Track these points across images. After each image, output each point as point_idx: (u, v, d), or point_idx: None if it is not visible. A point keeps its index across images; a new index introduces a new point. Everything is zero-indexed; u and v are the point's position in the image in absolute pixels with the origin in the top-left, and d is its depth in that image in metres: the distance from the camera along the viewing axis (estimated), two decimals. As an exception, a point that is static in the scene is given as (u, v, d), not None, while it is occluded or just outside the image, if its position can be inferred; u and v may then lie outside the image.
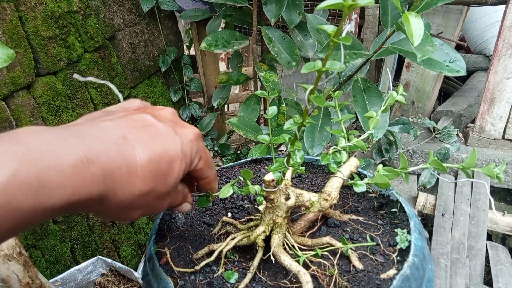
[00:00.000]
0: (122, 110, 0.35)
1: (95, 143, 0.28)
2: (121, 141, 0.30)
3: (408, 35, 0.48)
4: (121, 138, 0.30)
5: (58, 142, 0.27)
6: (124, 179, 0.30)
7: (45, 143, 0.26)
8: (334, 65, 0.33)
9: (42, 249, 1.07)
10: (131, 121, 0.33)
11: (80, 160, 0.27)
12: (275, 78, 1.17)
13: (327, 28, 0.31)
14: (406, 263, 0.43)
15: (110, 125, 0.31)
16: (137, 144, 0.31)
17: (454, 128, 1.97)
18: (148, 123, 0.33)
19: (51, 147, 0.26)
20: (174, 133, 0.34)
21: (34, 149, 0.25)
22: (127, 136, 0.31)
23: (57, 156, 0.26)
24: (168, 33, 1.63)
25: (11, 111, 0.96)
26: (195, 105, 1.77)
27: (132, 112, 0.34)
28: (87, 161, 0.27)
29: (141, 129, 0.32)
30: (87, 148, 0.28)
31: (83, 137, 0.28)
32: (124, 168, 0.30)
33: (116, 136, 0.30)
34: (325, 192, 0.47)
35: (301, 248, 0.48)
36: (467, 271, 1.49)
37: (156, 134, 0.33)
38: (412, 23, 0.48)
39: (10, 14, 0.93)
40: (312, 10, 1.55)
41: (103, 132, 0.30)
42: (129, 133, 0.31)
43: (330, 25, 0.32)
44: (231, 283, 0.46)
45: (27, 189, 0.24)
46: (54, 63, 1.06)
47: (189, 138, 0.35)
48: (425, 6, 0.68)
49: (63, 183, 0.26)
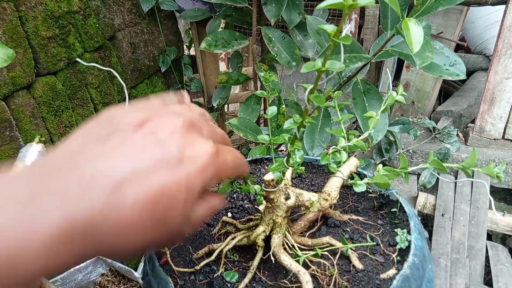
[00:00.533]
0: (124, 127, 0.28)
1: (76, 204, 0.23)
2: (112, 195, 0.24)
3: (408, 42, 0.48)
4: (112, 190, 0.24)
5: (28, 211, 0.22)
6: (110, 240, 0.24)
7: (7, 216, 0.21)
8: (334, 65, 0.33)
9: (42, 249, 1.07)
10: (128, 150, 0.26)
11: (57, 233, 0.22)
12: (275, 78, 1.17)
13: (327, 28, 0.31)
14: (406, 263, 0.43)
15: (102, 168, 0.25)
16: (129, 189, 0.24)
17: (454, 128, 1.97)
18: (146, 151, 0.26)
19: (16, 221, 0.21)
20: (178, 161, 0.26)
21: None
22: (119, 184, 0.24)
23: (25, 231, 0.21)
24: (168, 33, 1.63)
25: (11, 111, 0.96)
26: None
27: (131, 134, 0.27)
28: (65, 232, 0.22)
29: (136, 162, 0.25)
30: (65, 214, 0.22)
31: (62, 194, 0.23)
32: (109, 231, 0.24)
33: (107, 188, 0.24)
34: (325, 192, 0.47)
35: (301, 248, 0.48)
36: (467, 271, 1.49)
37: (153, 167, 0.25)
38: (411, 30, 0.47)
39: (10, 14, 0.93)
40: (312, 10, 1.55)
41: (92, 183, 0.24)
42: (123, 177, 0.24)
43: (330, 25, 0.32)
44: (231, 283, 0.46)
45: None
46: (54, 63, 1.06)
47: (200, 163, 0.27)
48: (425, 10, 0.68)
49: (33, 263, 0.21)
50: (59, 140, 1.10)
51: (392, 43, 0.84)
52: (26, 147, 0.68)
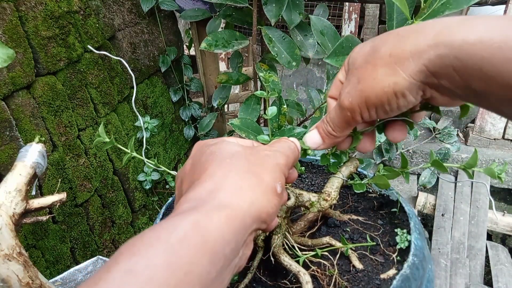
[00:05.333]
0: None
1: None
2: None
3: None
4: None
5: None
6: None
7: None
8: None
9: (42, 249, 1.07)
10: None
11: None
12: (275, 78, 1.17)
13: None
14: (406, 263, 0.43)
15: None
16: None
17: (454, 128, 1.97)
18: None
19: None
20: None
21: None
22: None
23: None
24: (168, 33, 1.63)
25: (11, 111, 0.96)
26: (195, 105, 1.77)
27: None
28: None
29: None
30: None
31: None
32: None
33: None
34: (325, 192, 0.47)
35: (301, 248, 0.48)
36: (467, 271, 1.49)
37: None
38: None
39: (10, 14, 0.93)
40: (312, 10, 1.55)
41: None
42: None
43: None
44: (231, 283, 0.46)
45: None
46: (54, 63, 1.06)
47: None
48: (432, 13, 0.68)
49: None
50: (59, 140, 1.10)
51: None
52: (26, 147, 0.68)
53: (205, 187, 0.31)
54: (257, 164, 0.33)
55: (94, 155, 1.23)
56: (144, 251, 0.24)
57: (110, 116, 1.30)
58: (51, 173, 1.07)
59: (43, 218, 0.75)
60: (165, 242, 0.25)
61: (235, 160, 0.34)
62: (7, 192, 0.62)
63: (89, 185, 1.21)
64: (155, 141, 1.57)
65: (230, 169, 0.33)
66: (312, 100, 1.33)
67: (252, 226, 0.30)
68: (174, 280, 0.24)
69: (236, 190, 0.31)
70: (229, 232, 0.28)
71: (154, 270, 0.23)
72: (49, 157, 1.07)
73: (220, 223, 0.27)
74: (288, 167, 0.36)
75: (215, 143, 0.36)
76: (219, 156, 0.34)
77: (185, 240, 0.25)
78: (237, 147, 0.35)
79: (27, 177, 0.65)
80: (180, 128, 1.77)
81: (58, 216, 1.11)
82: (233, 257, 0.28)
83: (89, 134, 1.21)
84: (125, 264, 0.24)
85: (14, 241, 0.61)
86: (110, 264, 0.24)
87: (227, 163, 0.33)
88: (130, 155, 0.47)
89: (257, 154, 0.35)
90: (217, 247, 0.26)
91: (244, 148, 0.35)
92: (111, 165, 1.32)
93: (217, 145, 0.36)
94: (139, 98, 1.47)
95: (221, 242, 0.27)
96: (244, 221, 0.29)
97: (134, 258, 0.24)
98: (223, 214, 0.28)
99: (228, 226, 0.28)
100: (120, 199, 1.37)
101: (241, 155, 0.34)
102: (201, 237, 0.26)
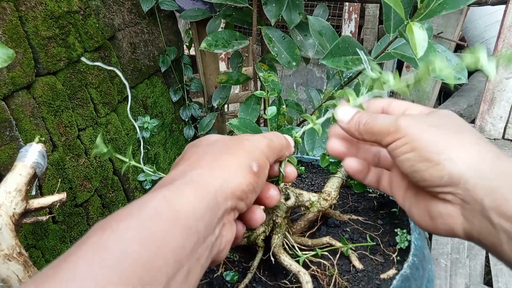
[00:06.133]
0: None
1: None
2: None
3: (412, 46, 0.48)
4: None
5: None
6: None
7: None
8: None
9: (42, 249, 1.07)
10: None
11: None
12: (275, 78, 1.17)
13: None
14: (406, 263, 0.43)
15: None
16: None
17: (454, 128, 1.96)
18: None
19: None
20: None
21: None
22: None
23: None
24: (168, 33, 1.63)
25: (11, 111, 0.96)
26: (195, 105, 1.77)
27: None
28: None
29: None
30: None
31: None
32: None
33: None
34: (325, 192, 0.47)
35: (301, 248, 0.48)
36: (467, 271, 1.49)
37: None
38: (416, 34, 0.47)
39: (10, 14, 0.93)
40: (312, 10, 1.55)
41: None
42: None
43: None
44: (231, 283, 0.46)
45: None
46: (54, 63, 1.06)
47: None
48: (429, 14, 0.68)
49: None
50: (59, 140, 1.10)
51: (394, 45, 0.84)
52: (26, 147, 0.68)
53: (179, 169, 0.32)
54: (234, 146, 0.34)
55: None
56: (115, 227, 0.24)
57: (110, 116, 1.30)
58: (51, 173, 1.07)
59: (43, 218, 0.75)
60: (137, 217, 0.25)
61: (212, 145, 0.34)
62: (7, 192, 0.62)
63: (89, 185, 1.21)
64: (155, 141, 1.57)
65: (206, 152, 0.33)
66: (312, 100, 1.33)
67: (227, 203, 0.30)
68: (148, 253, 0.23)
69: (208, 169, 0.31)
70: (200, 208, 0.28)
71: (127, 244, 0.23)
72: (49, 157, 1.07)
73: (190, 198, 0.28)
74: (271, 149, 0.36)
75: (200, 139, 0.37)
76: (199, 146, 0.35)
77: (156, 214, 0.25)
78: (217, 137, 0.36)
79: (27, 177, 0.65)
80: (180, 128, 1.77)
81: (58, 216, 1.11)
82: (208, 234, 0.28)
83: (89, 134, 1.21)
84: (96, 239, 0.23)
85: (14, 241, 0.62)
86: (81, 241, 0.24)
87: (204, 148, 0.34)
88: (128, 164, 0.47)
89: (237, 139, 0.35)
90: (190, 222, 0.26)
91: (224, 137, 0.36)
92: (111, 165, 1.32)
93: (201, 139, 0.37)
94: (139, 98, 1.47)
95: (193, 217, 0.27)
96: (215, 197, 0.29)
97: (106, 233, 0.24)
98: (192, 190, 0.28)
99: (199, 202, 0.28)
100: (120, 199, 1.37)
101: (219, 141, 0.35)
102: (173, 212, 0.26)
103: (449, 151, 0.30)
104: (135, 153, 1.45)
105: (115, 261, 0.22)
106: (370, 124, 0.36)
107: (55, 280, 0.21)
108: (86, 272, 0.21)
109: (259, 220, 0.35)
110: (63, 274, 0.21)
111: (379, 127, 0.35)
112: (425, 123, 0.33)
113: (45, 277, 0.22)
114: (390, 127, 0.33)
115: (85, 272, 0.21)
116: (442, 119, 0.33)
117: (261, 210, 0.36)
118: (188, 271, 0.26)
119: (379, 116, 0.36)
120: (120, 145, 1.35)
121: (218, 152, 0.33)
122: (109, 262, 0.22)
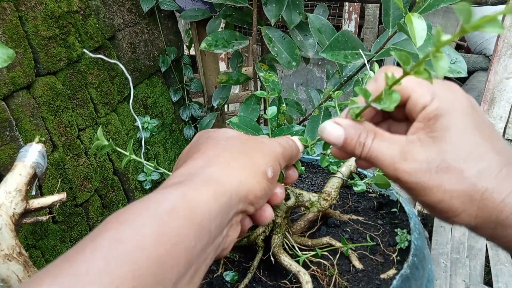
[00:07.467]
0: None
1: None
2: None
3: (411, 36, 0.48)
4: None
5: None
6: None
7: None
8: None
9: (42, 249, 1.07)
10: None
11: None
12: (275, 78, 1.17)
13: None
14: (406, 263, 0.43)
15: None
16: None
17: (454, 128, 1.96)
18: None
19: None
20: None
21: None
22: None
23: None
24: (168, 33, 1.63)
25: (11, 111, 0.96)
26: (195, 105, 1.77)
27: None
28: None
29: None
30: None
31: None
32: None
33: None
34: (325, 192, 0.47)
35: (301, 248, 0.48)
36: (467, 271, 1.49)
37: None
38: (415, 24, 0.48)
39: (10, 14, 0.93)
40: (312, 10, 1.55)
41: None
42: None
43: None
44: (231, 283, 0.46)
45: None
46: (54, 63, 1.06)
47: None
48: (427, 7, 0.68)
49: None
50: (59, 140, 1.10)
51: (394, 41, 0.84)
52: (26, 147, 0.68)
53: (196, 164, 0.31)
54: (252, 147, 0.34)
55: (94, 155, 1.23)
56: (132, 220, 0.24)
57: (110, 116, 1.30)
58: (51, 173, 1.07)
59: (43, 218, 0.75)
60: (154, 213, 0.24)
61: (230, 141, 0.34)
62: (7, 192, 0.62)
63: (89, 185, 1.21)
64: (155, 141, 1.57)
65: (223, 149, 0.33)
66: (312, 100, 1.33)
67: (238, 205, 0.30)
68: (163, 251, 0.23)
69: (227, 168, 0.31)
70: (215, 207, 0.27)
71: (143, 239, 0.23)
72: (49, 157, 1.07)
73: (208, 197, 0.27)
74: (284, 157, 0.36)
75: (214, 130, 0.37)
76: (215, 139, 0.34)
77: (174, 211, 0.25)
78: (234, 133, 0.36)
79: (27, 177, 0.65)
80: (180, 128, 1.77)
81: (58, 216, 1.11)
82: (217, 235, 0.28)
83: (89, 134, 1.21)
84: (112, 233, 0.23)
85: (14, 241, 0.62)
86: (96, 233, 0.23)
87: (222, 144, 0.33)
88: (129, 158, 0.47)
89: (254, 140, 0.35)
90: (204, 222, 0.26)
91: (241, 134, 0.36)
92: (111, 165, 1.32)
93: (215, 131, 0.36)
94: (139, 98, 1.47)
95: (208, 217, 0.26)
96: (230, 198, 0.29)
97: (122, 227, 0.23)
98: (211, 188, 0.28)
99: (215, 201, 0.27)
100: (120, 199, 1.37)
101: (236, 138, 0.34)
102: (190, 210, 0.26)
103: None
104: (135, 153, 1.45)
105: (131, 256, 0.22)
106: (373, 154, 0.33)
107: (70, 273, 0.21)
108: (103, 266, 0.21)
109: (268, 217, 0.35)
110: (79, 267, 0.21)
111: (382, 159, 0.33)
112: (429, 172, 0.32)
113: (61, 269, 0.21)
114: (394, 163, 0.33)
115: (101, 266, 0.21)
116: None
117: (270, 208, 0.35)
118: (195, 271, 0.26)
119: (381, 146, 0.32)
120: (120, 145, 1.35)
121: (237, 151, 0.33)
122: (125, 256, 0.22)
